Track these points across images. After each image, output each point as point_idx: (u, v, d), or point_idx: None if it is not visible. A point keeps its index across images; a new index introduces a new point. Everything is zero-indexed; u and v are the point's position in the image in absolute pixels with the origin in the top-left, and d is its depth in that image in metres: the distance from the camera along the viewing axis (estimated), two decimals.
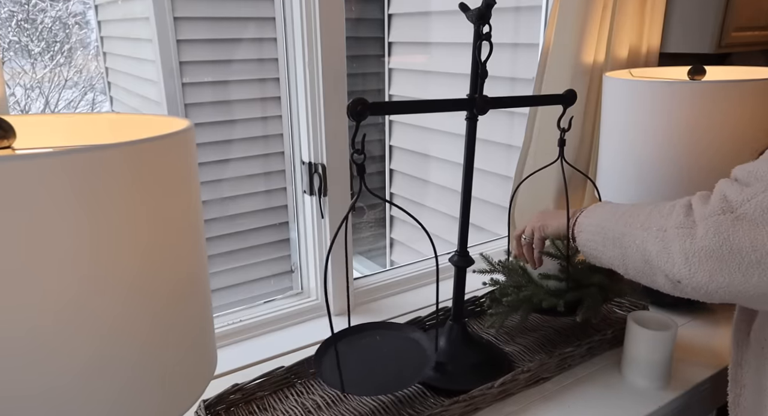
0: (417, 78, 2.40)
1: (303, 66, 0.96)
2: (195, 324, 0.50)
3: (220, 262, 2.13)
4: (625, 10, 1.14)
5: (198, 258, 0.50)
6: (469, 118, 0.80)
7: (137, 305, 0.43)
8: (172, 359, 0.48)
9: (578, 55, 1.11)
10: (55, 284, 0.38)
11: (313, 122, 0.98)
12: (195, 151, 0.49)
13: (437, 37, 2.22)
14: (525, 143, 1.23)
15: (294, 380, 0.85)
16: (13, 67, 3.35)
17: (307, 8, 0.91)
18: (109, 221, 0.39)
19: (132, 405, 0.45)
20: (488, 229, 1.99)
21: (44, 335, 0.39)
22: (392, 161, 2.61)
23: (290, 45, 0.99)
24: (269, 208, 2.21)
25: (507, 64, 1.85)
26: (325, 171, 1.00)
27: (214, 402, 0.77)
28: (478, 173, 0.93)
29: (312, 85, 0.96)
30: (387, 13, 2.47)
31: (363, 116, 0.67)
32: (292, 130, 1.06)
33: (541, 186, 1.22)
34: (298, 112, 1.01)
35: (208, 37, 1.95)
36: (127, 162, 0.40)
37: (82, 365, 0.41)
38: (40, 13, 3.42)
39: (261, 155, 2.14)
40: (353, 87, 2.78)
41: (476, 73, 0.77)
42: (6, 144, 0.48)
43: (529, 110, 1.23)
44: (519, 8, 1.81)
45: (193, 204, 0.48)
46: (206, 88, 2.00)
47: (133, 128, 0.56)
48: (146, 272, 0.43)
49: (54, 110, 3.47)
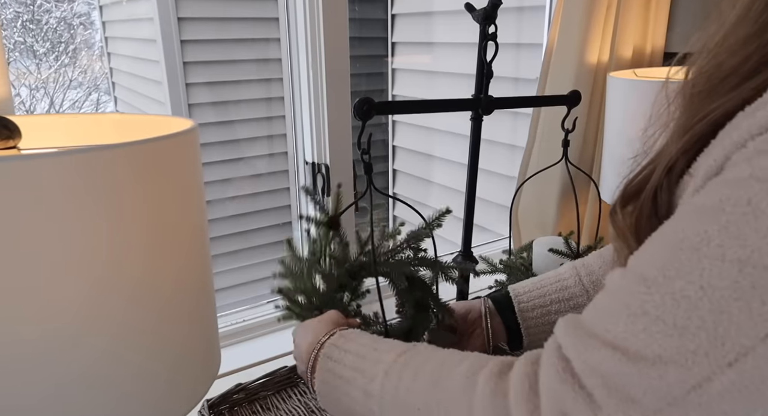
0: (420, 78, 2.40)
1: (306, 66, 0.96)
2: (199, 323, 0.50)
3: (223, 262, 2.13)
4: (630, 9, 1.13)
5: (202, 258, 0.50)
6: (474, 118, 0.80)
7: (142, 305, 0.43)
8: (176, 358, 0.48)
9: (582, 55, 1.11)
10: (62, 286, 0.38)
11: (317, 122, 0.98)
12: (199, 151, 0.49)
13: (441, 37, 2.22)
14: (528, 144, 1.23)
15: (297, 380, 0.85)
16: (18, 68, 3.36)
17: (310, 8, 0.91)
18: (113, 221, 0.39)
19: (136, 404, 0.45)
20: (491, 229, 1.98)
21: (55, 337, 0.39)
22: (395, 161, 2.61)
23: (294, 45, 1.00)
24: (273, 208, 2.21)
25: (510, 65, 1.84)
26: (328, 171, 1.00)
27: (218, 402, 0.77)
28: (481, 173, 0.93)
29: (315, 85, 0.96)
30: (390, 14, 2.47)
31: (369, 115, 0.67)
32: (295, 130, 1.06)
33: (545, 187, 1.22)
34: (302, 112, 1.02)
35: (212, 38, 1.96)
36: (131, 162, 0.40)
37: (90, 365, 0.41)
38: (45, 14, 3.43)
39: (265, 155, 2.15)
40: (356, 87, 2.78)
41: (481, 73, 0.77)
42: (11, 144, 0.48)
43: (532, 110, 1.23)
44: (522, 8, 1.80)
45: (197, 204, 0.48)
46: (210, 88, 2.00)
47: (137, 128, 0.56)
48: (150, 272, 0.43)
49: (59, 110, 3.48)
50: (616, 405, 0.32)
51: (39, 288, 0.38)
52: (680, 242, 0.32)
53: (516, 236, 1.31)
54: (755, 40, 0.34)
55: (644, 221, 0.39)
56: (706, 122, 0.36)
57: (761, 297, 0.28)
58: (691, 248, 0.31)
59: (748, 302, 0.29)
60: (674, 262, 0.32)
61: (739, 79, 0.35)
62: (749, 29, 0.35)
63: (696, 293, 0.30)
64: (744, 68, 0.35)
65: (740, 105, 0.33)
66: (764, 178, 0.29)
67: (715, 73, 0.37)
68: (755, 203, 0.29)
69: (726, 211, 0.30)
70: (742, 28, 0.36)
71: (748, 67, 0.35)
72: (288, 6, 0.97)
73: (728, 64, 0.36)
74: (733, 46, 0.36)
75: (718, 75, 0.37)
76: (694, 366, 0.30)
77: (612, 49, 1.15)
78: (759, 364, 0.29)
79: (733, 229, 0.30)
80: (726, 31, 0.37)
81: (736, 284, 0.29)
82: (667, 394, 0.30)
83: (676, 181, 0.38)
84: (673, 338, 0.31)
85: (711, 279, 0.30)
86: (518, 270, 0.95)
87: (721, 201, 0.31)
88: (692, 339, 0.30)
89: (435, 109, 0.77)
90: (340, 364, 0.51)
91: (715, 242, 0.30)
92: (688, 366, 0.30)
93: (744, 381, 0.29)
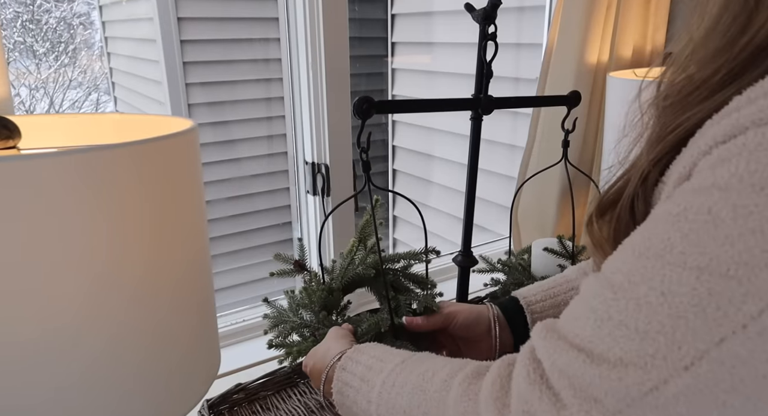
0: (420, 78, 2.40)
1: (306, 66, 0.96)
2: (199, 323, 0.50)
3: (223, 262, 2.13)
4: (630, 9, 1.14)
5: (202, 258, 0.50)
6: (474, 118, 0.80)
7: (142, 305, 0.43)
8: (176, 358, 0.48)
9: (582, 55, 1.11)
10: (61, 285, 0.38)
11: (317, 123, 0.98)
12: (199, 151, 0.49)
13: (440, 37, 2.22)
14: (528, 144, 1.23)
15: (297, 380, 0.85)
16: (18, 68, 3.36)
17: (310, 9, 0.91)
18: (113, 221, 0.39)
19: (136, 404, 0.45)
20: (491, 229, 1.98)
21: (55, 337, 0.39)
22: (395, 161, 2.61)
23: (293, 45, 1.00)
24: (272, 208, 2.21)
25: (510, 65, 1.84)
26: (328, 171, 1.00)
27: (218, 402, 0.77)
28: (481, 173, 0.93)
29: (315, 85, 0.96)
30: (390, 14, 2.47)
31: (369, 114, 0.67)
32: (295, 130, 1.06)
33: (545, 187, 1.22)
34: (302, 112, 1.02)
35: (212, 38, 1.96)
36: (131, 162, 0.40)
37: (89, 365, 0.41)
38: (45, 14, 3.43)
39: (264, 155, 2.15)
40: (356, 87, 2.78)
41: (481, 73, 0.77)
42: (11, 144, 0.48)
43: (532, 110, 1.23)
44: (522, 8, 1.80)
45: (196, 204, 0.48)
46: (210, 88, 2.00)
47: (137, 128, 0.56)
48: (150, 272, 0.43)
49: (58, 110, 3.48)
50: (580, 405, 0.33)
51: (39, 288, 0.37)
52: (646, 250, 0.33)
53: (516, 236, 1.31)
54: (724, 53, 0.35)
55: (622, 230, 0.40)
56: (678, 132, 0.36)
57: (717, 303, 0.29)
58: (656, 255, 0.32)
59: (704, 308, 0.29)
60: (639, 268, 0.33)
61: (709, 91, 0.36)
62: (718, 43, 0.36)
63: (657, 298, 0.31)
64: (714, 80, 0.35)
65: (710, 115, 0.34)
66: (724, 186, 0.30)
67: (686, 85, 0.38)
68: (715, 212, 0.30)
69: (689, 219, 0.31)
70: (712, 42, 0.36)
71: (717, 80, 0.35)
72: (288, 6, 0.97)
73: (698, 77, 0.37)
74: (702, 59, 0.37)
75: (688, 87, 0.37)
76: (653, 369, 0.31)
77: (612, 49, 1.15)
78: (713, 368, 0.30)
79: (694, 237, 0.31)
80: (695, 44, 0.38)
81: (694, 291, 0.30)
82: (626, 395, 0.31)
83: (651, 189, 0.39)
84: (634, 341, 0.32)
85: (671, 285, 0.31)
86: (516, 270, 0.95)
87: (685, 209, 0.31)
88: (651, 343, 0.31)
89: (435, 108, 0.77)
90: (351, 374, 0.54)
91: (678, 249, 0.31)
92: (646, 369, 0.31)
93: (699, 384, 0.30)
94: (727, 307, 0.29)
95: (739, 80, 0.34)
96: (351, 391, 0.53)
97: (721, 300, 0.29)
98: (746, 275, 0.29)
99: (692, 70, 0.38)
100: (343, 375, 0.55)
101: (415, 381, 0.47)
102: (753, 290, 0.28)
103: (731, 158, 0.30)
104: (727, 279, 0.29)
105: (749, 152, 0.29)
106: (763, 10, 0.34)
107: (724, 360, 0.29)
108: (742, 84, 0.33)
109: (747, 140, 0.30)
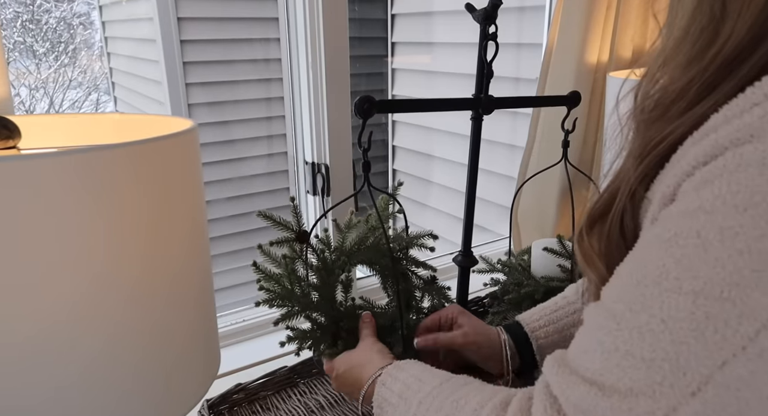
0: (420, 78, 2.40)
1: (306, 66, 0.96)
2: (198, 323, 0.50)
3: (223, 262, 2.13)
4: (630, 9, 1.14)
5: (202, 257, 0.50)
6: (474, 117, 0.80)
7: (141, 304, 0.43)
8: (176, 358, 0.48)
9: (582, 55, 1.11)
10: (61, 285, 0.38)
11: (317, 123, 0.98)
12: (198, 151, 0.49)
13: (441, 37, 2.22)
14: (528, 144, 1.23)
15: (297, 380, 0.85)
16: (18, 68, 3.36)
17: (310, 9, 0.91)
18: (112, 220, 0.39)
19: (135, 404, 0.45)
20: (491, 229, 1.98)
21: (53, 337, 0.39)
22: (395, 161, 2.61)
23: (293, 45, 1.00)
24: (273, 208, 2.21)
25: (510, 65, 1.84)
26: (328, 171, 1.00)
27: (218, 402, 0.77)
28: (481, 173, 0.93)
29: (315, 85, 0.96)
30: (390, 14, 2.47)
31: (370, 113, 0.67)
32: (295, 130, 1.06)
33: (545, 187, 1.22)
34: (302, 112, 1.02)
35: (212, 38, 1.96)
36: (131, 162, 0.40)
37: (87, 365, 0.41)
38: (45, 14, 3.43)
39: (264, 155, 2.15)
40: (356, 87, 2.78)
41: (482, 73, 0.77)
42: (11, 144, 0.48)
43: (532, 110, 1.23)
44: (523, 8, 1.80)
45: (196, 204, 0.48)
46: (210, 88, 2.00)
47: (137, 128, 0.56)
48: (150, 271, 0.43)
49: (58, 110, 3.48)
50: None
51: (37, 288, 0.37)
52: (644, 277, 0.33)
53: (516, 236, 1.31)
54: (695, 64, 0.35)
55: (613, 245, 0.40)
56: (661, 149, 0.36)
57: (714, 326, 0.29)
58: (653, 283, 0.32)
59: (703, 332, 0.30)
60: (638, 296, 0.33)
61: (686, 103, 0.36)
62: (688, 53, 0.36)
63: (658, 326, 0.31)
64: (690, 92, 0.35)
65: (690, 132, 0.34)
66: (710, 209, 0.30)
67: (662, 97, 0.38)
68: (704, 236, 0.30)
69: (680, 244, 0.31)
70: (682, 52, 0.36)
71: (693, 92, 0.35)
72: (288, 6, 0.97)
73: (672, 89, 0.37)
74: (674, 70, 0.37)
75: (664, 100, 0.37)
76: (662, 398, 0.31)
77: (612, 49, 1.15)
78: (719, 393, 0.30)
79: (686, 262, 0.31)
80: (666, 56, 0.38)
81: (692, 316, 0.30)
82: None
83: (639, 205, 0.39)
84: (641, 370, 0.32)
85: (670, 311, 0.31)
86: (516, 270, 0.95)
87: (676, 234, 0.32)
88: (658, 370, 0.31)
89: (435, 108, 0.77)
90: (390, 390, 0.56)
91: (673, 274, 0.31)
92: (655, 398, 0.31)
93: (707, 410, 0.30)
94: (724, 330, 0.29)
95: (715, 92, 0.34)
96: (389, 408, 0.55)
97: (718, 323, 0.29)
98: (739, 296, 0.29)
99: (666, 82, 0.38)
100: (382, 391, 0.57)
101: (448, 409, 0.48)
102: (747, 311, 0.29)
103: (713, 180, 0.30)
104: (721, 302, 0.29)
105: (729, 173, 0.30)
106: (728, 21, 0.33)
107: (729, 384, 0.29)
108: (718, 98, 0.33)
109: (726, 161, 0.30)
